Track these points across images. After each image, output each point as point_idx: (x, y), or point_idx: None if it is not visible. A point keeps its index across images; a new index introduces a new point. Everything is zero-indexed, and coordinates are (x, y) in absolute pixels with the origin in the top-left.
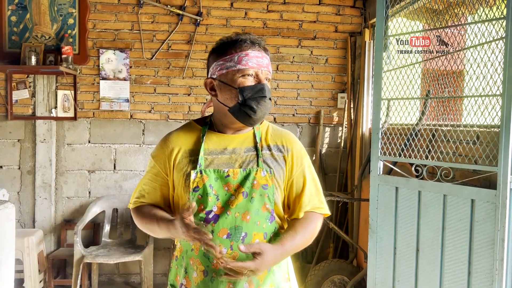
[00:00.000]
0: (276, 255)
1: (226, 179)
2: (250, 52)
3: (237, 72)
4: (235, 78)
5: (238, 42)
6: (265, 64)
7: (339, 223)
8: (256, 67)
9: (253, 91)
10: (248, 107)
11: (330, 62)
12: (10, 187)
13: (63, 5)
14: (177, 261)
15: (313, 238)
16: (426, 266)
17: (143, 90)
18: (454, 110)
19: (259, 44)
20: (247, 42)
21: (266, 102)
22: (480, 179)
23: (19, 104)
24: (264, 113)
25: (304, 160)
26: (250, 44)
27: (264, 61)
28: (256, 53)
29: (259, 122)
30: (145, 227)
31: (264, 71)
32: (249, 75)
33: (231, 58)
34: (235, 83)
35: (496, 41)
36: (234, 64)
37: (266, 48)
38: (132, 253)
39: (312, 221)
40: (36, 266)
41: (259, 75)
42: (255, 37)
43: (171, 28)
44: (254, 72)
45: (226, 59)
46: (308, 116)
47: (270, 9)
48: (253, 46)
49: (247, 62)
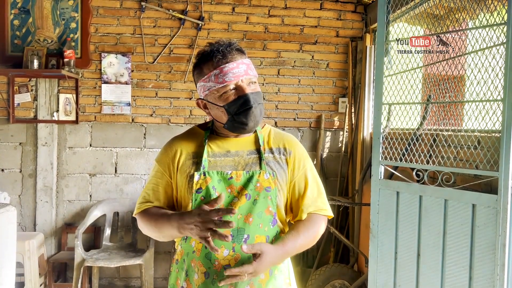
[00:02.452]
0: (277, 256)
1: (229, 181)
2: (223, 67)
3: (217, 91)
4: (218, 97)
5: (210, 59)
6: (243, 71)
7: (340, 227)
8: (234, 79)
9: (237, 105)
10: (238, 121)
11: (331, 66)
12: (11, 190)
13: (66, 9)
14: (177, 264)
15: (316, 240)
16: (427, 271)
17: (145, 94)
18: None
19: (230, 52)
20: (218, 56)
21: (254, 110)
22: (481, 184)
23: (21, 108)
24: (257, 120)
25: (306, 162)
26: (221, 57)
27: (240, 68)
28: (230, 64)
29: (255, 128)
30: (152, 226)
31: (245, 78)
32: (230, 89)
33: (209, 78)
34: (220, 101)
35: (497, 47)
36: (213, 84)
37: (241, 50)
38: (132, 256)
39: (315, 222)
40: (36, 269)
41: (241, 86)
42: (225, 45)
43: (173, 33)
44: (234, 85)
45: (205, 80)
46: (309, 121)
47: (271, 13)
48: (225, 58)
49: (224, 78)
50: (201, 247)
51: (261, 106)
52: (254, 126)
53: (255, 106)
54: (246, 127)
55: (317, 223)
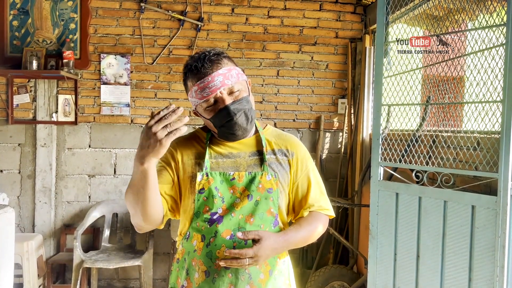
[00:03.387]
0: (276, 242)
1: (232, 181)
2: (199, 83)
3: (201, 106)
4: (203, 111)
5: (188, 77)
6: (219, 83)
7: (339, 228)
8: (211, 94)
9: (219, 119)
10: (226, 133)
11: (330, 67)
12: (10, 192)
13: (65, 10)
14: (178, 263)
15: (317, 236)
16: (426, 272)
17: (144, 95)
18: (455, 116)
19: (203, 66)
20: (193, 72)
21: (238, 120)
22: (480, 185)
23: (20, 109)
24: (244, 127)
25: (308, 164)
26: (196, 72)
27: (216, 80)
28: (206, 79)
29: (246, 132)
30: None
31: (224, 89)
32: (211, 104)
33: (191, 93)
34: (206, 114)
35: (496, 48)
36: (196, 100)
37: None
38: (131, 258)
39: (317, 219)
40: (35, 270)
41: (220, 98)
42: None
43: (172, 33)
44: (213, 99)
45: (190, 95)
46: (309, 122)
47: (271, 14)
48: (199, 73)
49: (202, 94)
50: (202, 246)
51: (248, 111)
52: (244, 133)
53: (237, 117)
54: (235, 137)
55: (319, 220)
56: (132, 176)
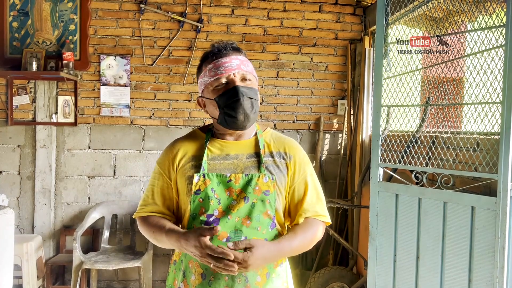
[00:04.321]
0: (270, 251)
1: (228, 183)
2: (217, 61)
3: (211, 84)
4: (211, 91)
5: (205, 57)
6: (235, 66)
7: (339, 230)
8: (225, 72)
9: (226, 97)
10: (228, 114)
11: (330, 69)
12: (9, 193)
13: (65, 12)
14: (175, 265)
15: (312, 244)
16: (426, 273)
17: (144, 96)
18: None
19: (224, 49)
20: (213, 52)
21: (243, 103)
22: (480, 186)
23: (19, 110)
24: (247, 113)
25: (306, 167)
26: (216, 53)
27: (233, 63)
28: (223, 59)
29: (248, 122)
30: (151, 236)
31: (238, 73)
32: (222, 83)
33: (205, 73)
34: (212, 95)
35: (495, 49)
36: (208, 78)
37: (237, 49)
38: (131, 259)
39: (313, 226)
40: (34, 272)
41: (232, 79)
42: (221, 44)
43: (172, 35)
44: (225, 79)
45: (202, 76)
46: (308, 123)
47: (270, 16)
48: (219, 54)
49: (216, 71)
50: None
51: (254, 102)
52: (246, 120)
53: (243, 99)
54: (236, 121)
55: (315, 227)
56: (160, 235)
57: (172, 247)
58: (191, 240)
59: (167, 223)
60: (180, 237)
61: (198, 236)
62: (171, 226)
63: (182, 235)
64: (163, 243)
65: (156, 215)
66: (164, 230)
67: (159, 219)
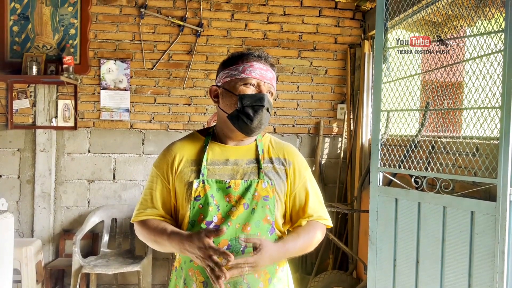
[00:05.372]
0: (276, 252)
1: (228, 190)
2: (255, 63)
3: (240, 80)
4: (237, 86)
5: (245, 55)
6: (268, 77)
7: (338, 234)
8: (259, 78)
9: (252, 99)
10: (245, 114)
11: (329, 73)
12: (9, 197)
13: (65, 16)
14: (176, 272)
15: (314, 246)
16: (426, 278)
17: (144, 100)
18: (454, 122)
19: (265, 59)
20: (254, 55)
21: (264, 112)
22: (480, 191)
23: (19, 114)
24: (261, 123)
25: (306, 173)
26: (256, 57)
27: (268, 74)
28: (261, 65)
29: (256, 132)
30: (151, 239)
31: (267, 84)
32: (251, 84)
33: (237, 67)
34: (237, 90)
35: (495, 54)
36: (238, 73)
37: (273, 64)
38: (130, 263)
39: (315, 228)
40: (34, 276)
41: (261, 86)
42: (263, 52)
43: (172, 39)
44: (256, 82)
45: (232, 69)
46: (308, 127)
47: (270, 20)
48: (259, 59)
49: (251, 72)
50: None
51: (269, 116)
52: (256, 128)
53: (266, 109)
54: (249, 123)
55: (317, 229)
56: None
57: (172, 250)
58: (195, 241)
59: (169, 226)
60: (184, 239)
61: (203, 237)
62: (174, 228)
63: (186, 237)
64: (163, 246)
65: (156, 218)
66: (166, 233)
67: (159, 222)
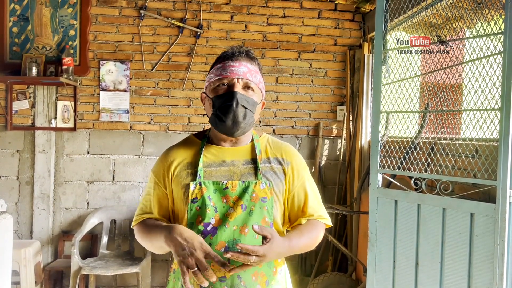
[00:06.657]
0: (282, 247)
1: (225, 191)
2: (226, 62)
3: (213, 83)
4: (212, 89)
5: (220, 57)
6: (241, 72)
7: (338, 236)
8: (229, 76)
9: (221, 99)
10: (218, 116)
11: (329, 75)
12: (8, 198)
13: (65, 17)
14: (174, 274)
15: (315, 243)
16: (425, 280)
17: (143, 102)
18: (453, 123)
19: (239, 53)
20: (227, 54)
21: (236, 109)
22: (479, 192)
23: (19, 115)
24: (237, 120)
25: (304, 173)
26: (230, 55)
27: (240, 69)
28: (232, 62)
29: (238, 130)
30: (145, 237)
31: (242, 79)
32: (223, 84)
33: (212, 71)
34: (212, 94)
35: (494, 56)
36: (212, 76)
37: (250, 56)
38: (129, 265)
39: (316, 226)
40: (33, 277)
41: (234, 84)
42: (240, 48)
43: (172, 40)
44: (227, 81)
45: (210, 73)
46: (307, 128)
47: (270, 22)
48: (231, 56)
49: (221, 72)
50: None
51: (248, 112)
52: (234, 127)
53: (237, 106)
54: (224, 125)
55: (318, 228)
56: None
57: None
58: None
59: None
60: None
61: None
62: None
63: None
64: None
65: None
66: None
67: (156, 220)
